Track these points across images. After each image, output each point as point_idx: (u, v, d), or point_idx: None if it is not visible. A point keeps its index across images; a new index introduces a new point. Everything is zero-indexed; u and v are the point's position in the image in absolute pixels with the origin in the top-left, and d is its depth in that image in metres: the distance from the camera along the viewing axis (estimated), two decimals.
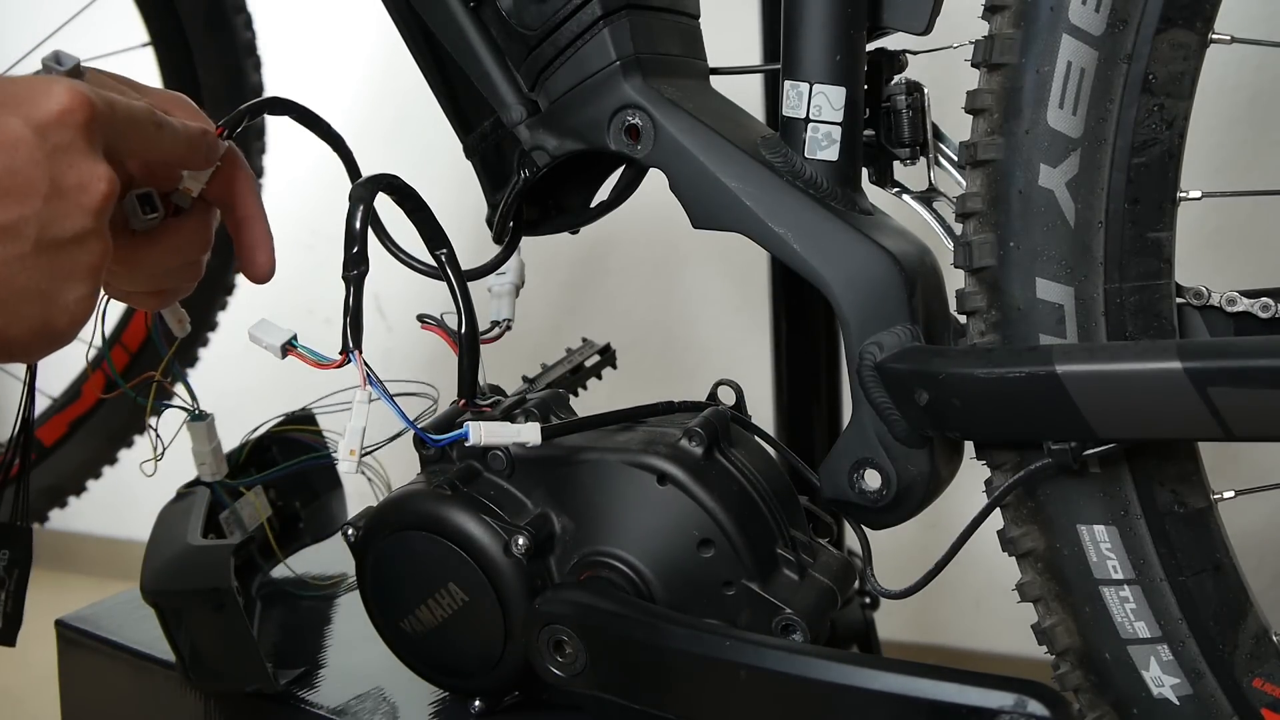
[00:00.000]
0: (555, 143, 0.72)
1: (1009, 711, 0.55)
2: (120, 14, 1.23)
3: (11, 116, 0.53)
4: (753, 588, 0.67)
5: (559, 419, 0.73)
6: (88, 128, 0.55)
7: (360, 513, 0.75)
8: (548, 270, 1.64)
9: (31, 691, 1.64)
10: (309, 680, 0.78)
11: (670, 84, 0.71)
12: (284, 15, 1.61)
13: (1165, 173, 0.64)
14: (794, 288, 1.17)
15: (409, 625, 0.72)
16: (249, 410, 0.92)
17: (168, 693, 0.80)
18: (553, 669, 0.68)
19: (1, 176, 0.52)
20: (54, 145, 0.54)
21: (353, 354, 0.61)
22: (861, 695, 0.59)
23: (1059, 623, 0.68)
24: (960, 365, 0.63)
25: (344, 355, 0.61)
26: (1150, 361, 0.58)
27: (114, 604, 0.90)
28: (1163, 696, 0.66)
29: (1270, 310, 0.65)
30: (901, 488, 0.67)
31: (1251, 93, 1.32)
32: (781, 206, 0.68)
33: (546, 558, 0.70)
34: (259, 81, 1.26)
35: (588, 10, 0.69)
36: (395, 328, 1.74)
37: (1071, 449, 0.63)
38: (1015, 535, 0.69)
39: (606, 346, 0.91)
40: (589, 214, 0.79)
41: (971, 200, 0.67)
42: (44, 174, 0.53)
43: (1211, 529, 0.66)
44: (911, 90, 0.72)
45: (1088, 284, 0.65)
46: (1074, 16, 0.63)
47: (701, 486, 0.67)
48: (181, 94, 0.67)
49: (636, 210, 0.78)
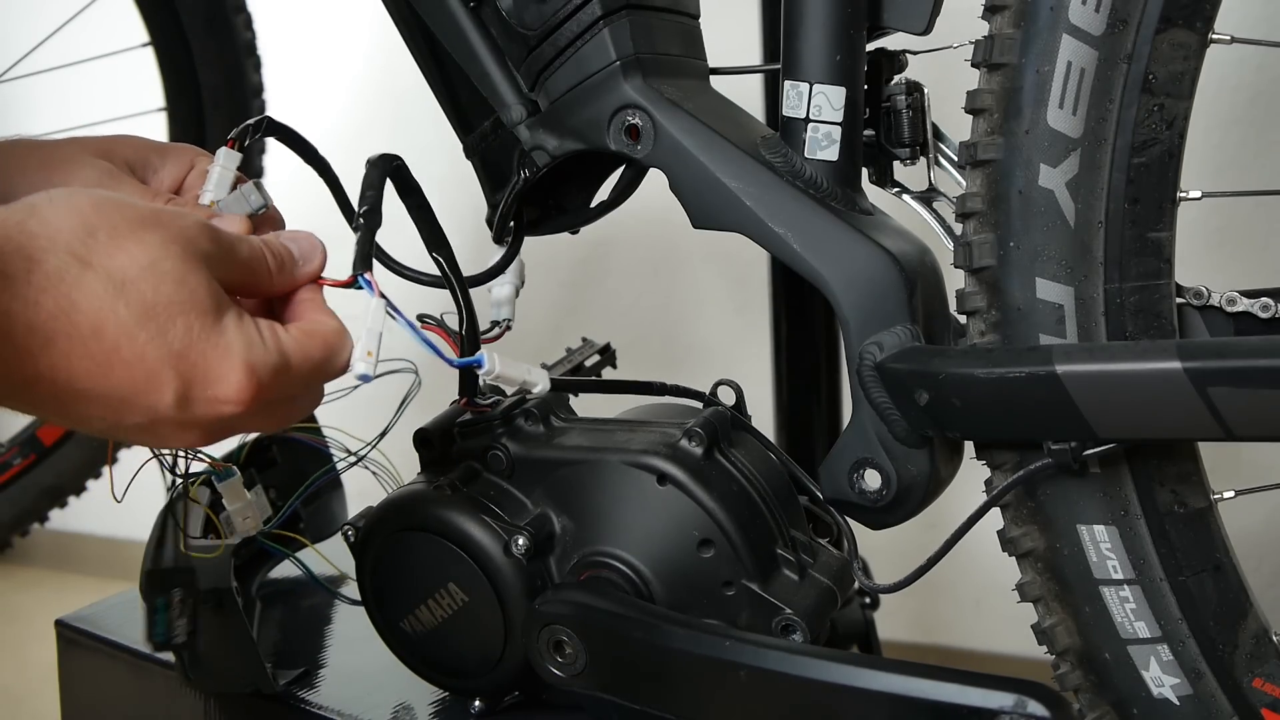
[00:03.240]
0: (555, 143, 0.72)
1: (1009, 712, 0.55)
2: (120, 14, 1.23)
3: (174, 379, 0.52)
4: (753, 588, 0.67)
5: (559, 419, 0.73)
6: (226, 420, 0.55)
7: (360, 513, 0.75)
8: (548, 270, 1.64)
9: (31, 691, 1.65)
10: (309, 680, 0.78)
11: (670, 84, 0.71)
12: (284, 15, 1.62)
13: (1165, 173, 0.64)
14: (794, 288, 1.17)
15: (409, 625, 0.72)
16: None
17: (168, 693, 0.80)
18: (552, 669, 0.68)
19: (113, 399, 0.52)
20: (184, 418, 0.54)
21: (362, 276, 0.61)
22: (861, 696, 0.59)
23: (1059, 623, 0.68)
24: (960, 365, 0.63)
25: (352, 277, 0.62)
26: (1150, 361, 0.58)
27: (114, 604, 0.90)
28: (1163, 696, 0.66)
29: (1270, 310, 0.65)
30: (901, 488, 0.67)
31: (1251, 93, 1.32)
32: (781, 206, 0.68)
33: (546, 558, 0.70)
34: (259, 81, 1.26)
35: (588, 10, 0.69)
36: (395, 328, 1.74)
37: (1071, 449, 0.63)
38: (1015, 535, 0.69)
39: (606, 346, 0.91)
40: (589, 214, 0.79)
41: (971, 200, 0.67)
42: (148, 422, 0.54)
43: (1211, 529, 0.66)
44: (911, 90, 0.72)
45: (1088, 284, 0.65)
46: (1074, 16, 0.63)
47: (701, 487, 0.67)
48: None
49: (636, 210, 0.78)
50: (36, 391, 0.51)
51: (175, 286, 0.52)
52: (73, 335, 0.50)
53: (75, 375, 0.51)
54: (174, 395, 0.53)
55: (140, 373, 0.52)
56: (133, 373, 0.52)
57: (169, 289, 0.52)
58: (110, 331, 0.51)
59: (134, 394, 0.52)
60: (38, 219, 0.51)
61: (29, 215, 0.51)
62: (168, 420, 0.54)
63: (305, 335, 0.58)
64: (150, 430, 0.54)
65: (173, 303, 0.52)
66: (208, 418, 0.54)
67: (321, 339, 0.59)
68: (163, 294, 0.52)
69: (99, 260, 0.51)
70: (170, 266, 0.52)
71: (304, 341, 0.58)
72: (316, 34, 1.76)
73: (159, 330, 0.52)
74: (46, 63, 1.21)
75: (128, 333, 0.51)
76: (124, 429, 0.54)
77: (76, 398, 0.52)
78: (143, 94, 1.24)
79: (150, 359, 0.52)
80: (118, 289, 0.51)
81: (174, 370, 0.52)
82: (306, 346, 0.58)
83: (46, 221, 0.51)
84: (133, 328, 0.51)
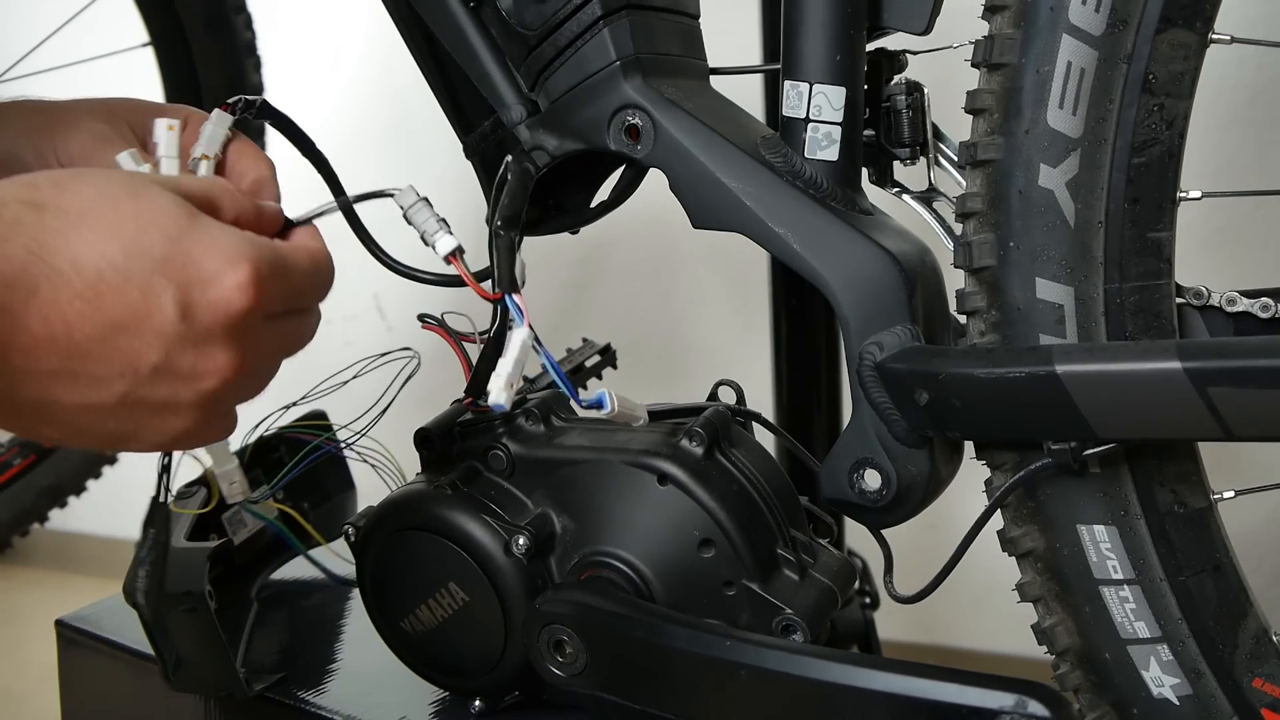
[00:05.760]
0: (555, 143, 0.72)
1: (1009, 712, 0.55)
2: (120, 14, 1.23)
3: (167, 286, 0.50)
4: (753, 588, 0.67)
5: (560, 418, 0.73)
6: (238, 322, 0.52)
7: (361, 512, 0.75)
8: (548, 270, 1.64)
9: (31, 691, 1.65)
10: (286, 685, 0.78)
11: (670, 84, 0.71)
12: (283, 15, 1.62)
13: (1165, 173, 0.64)
14: (794, 288, 1.17)
15: (409, 625, 0.72)
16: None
17: (167, 693, 0.80)
18: (553, 669, 0.68)
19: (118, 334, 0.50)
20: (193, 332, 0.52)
21: (509, 295, 0.60)
22: (861, 695, 0.59)
23: (1059, 623, 0.68)
24: (960, 365, 0.63)
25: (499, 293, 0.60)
26: (1150, 361, 0.58)
27: (114, 604, 0.90)
28: (1163, 696, 0.66)
29: (1270, 310, 0.65)
30: (901, 488, 0.67)
31: (1251, 93, 1.32)
32: (781, 206, 0.68)
33: (547, 558, 0.70)
34: (259, 81, 1.26)
35: (588, 10, 0.69)
36: (395, 328, 1.74)
37: (1071, 449, 0.63)
38: (1015, 535, 0.69)
39: (607, 346, 0.91)
40: (589, 214, 0.79)
41: (971, 200, 0.67)
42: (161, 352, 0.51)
43: (1211, 529, 0.66)
44: (911, 90, 0.72)
45: (1088, 284, 0.65)
46: (1074, 16, 0.63)
47: (702, 487, 0.67)
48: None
49: (636, 210, 0.78)
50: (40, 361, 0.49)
51: (133, 201, 0.51)
52: (52, 276, 0.48)
53: (70, 321, 0.49)
54: (174, 305, 0.50)
55: (133, 293, 0.50)
56: (124, 296, 0.50)
57: (128, 205, 0.51)
58: (87, 259, 0.49)
59: (134, 320, 0.50)
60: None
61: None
62: (180, 340, 0.51)
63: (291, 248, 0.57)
64: (171, 368, 0.51)
65: (138, 215, 0.51)
66: (219, 325, 0.52)
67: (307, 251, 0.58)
68: (124, 211, 0.50)
69: (50, 200, 0.50)
70: (120, 188, 0.51)
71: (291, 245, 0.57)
72: (316, 34, 1.76)
73: (134, 242, 0.50)
74: (46, 63, 1.20)
75: (104, 255, 0.49)
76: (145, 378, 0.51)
77: (81, 352, 0.49)
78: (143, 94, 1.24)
79: (136, 274, 0.50)
80: (79, 219, 0.50)
81: (164, 278, 0.50)
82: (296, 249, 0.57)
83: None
84: (107, 249, 0.49)
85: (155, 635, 0.74)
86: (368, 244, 0.68)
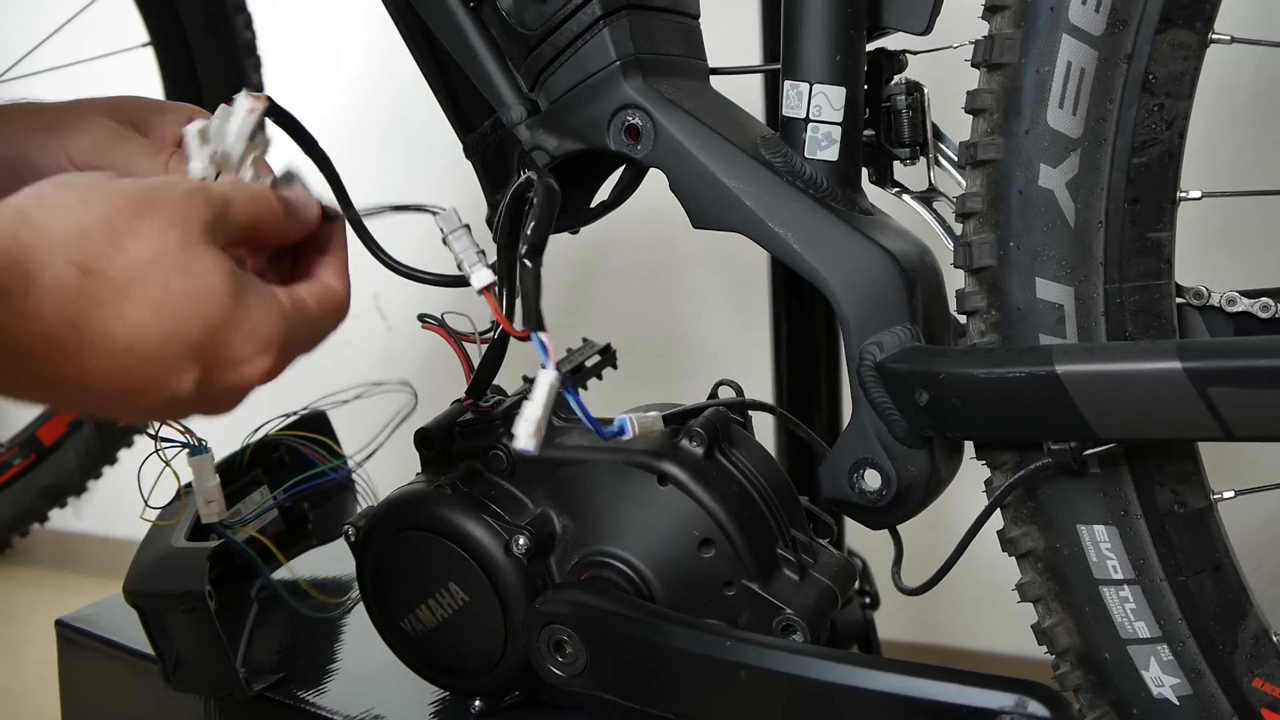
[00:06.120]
0: (555, 143, 0.72)
1: (1009, 712, 0.55)
2: (120, 14, 1.23)
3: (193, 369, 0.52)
4: (753, 588, 0.67)
5: (560, 419, 0.73)
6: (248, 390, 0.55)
7: (361, 512, 0.75)
8: (548, 270, 1.63)
9: (31, 691, 1.65)
10: (286, 685, 0.78)
11: (670, 84, 0.71)
12: (284, 15, 1.62)
13: (1165, 173, 0.64)
14: (794, 288, 1.17)
15: (409, 625, 0.72)
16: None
17: (167, 693, 0.80)
18: (553, 669, 0.68)
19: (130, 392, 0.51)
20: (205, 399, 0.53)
21: (536, 335, 0.59)
22: (862, 695, 0.59)
23: (1059, 623, 0.68)
24: (960, 365, 0.63)
25: (526, 332, 0.59)
26: (1150, 361, 0.58)
27: (114, 604, 0.89)
28: (1163, 696, 0.66)
29: (1270, 310, 0.65)
30: (901, 488, 0.67)
31: (1251, 93, 1.32)
32: (781, 206, 0.68)
33: (547, 558, 0.70)
34: (259, 82, 1.26)
35: (588, 10, 0.69)
36: (395, 328, 1.74)
37: (1071, 449, 0.63)
38: (1015, 535, 0.69)
39: (607, 346, 0.91)
40: (589, 214, 0.79)
41: (971, 200, 0.67)
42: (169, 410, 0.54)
43: (1211, 529, 0.66)
44: (911, 90, 0.72)
45: (1088, 284, 0.65)
46: (1074, 16, 0.63)
47: (702, 487, 0.67)
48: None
49: (636, 210, 0.78)
50: (46, 393, 0.51)
51: (183, 278, 0.51)
52: (82, 344, 0.49)
53: (88, 376, 0.49)
54: (194, 382, 0.52)
55: (158, 368, 0.50)
56: (149, 369, 0.50)
57: (178, 282, 0.51)
58: (122, 334, 0.49)
59: (152, 386, 0.51)
60: (31, 229, 0.48)
61: (22, 224, 0.48)
62: (186, 400, 0.52)
63: (317, 302, 0.58)
64: (168, 410, 0.54)
65: (184, 296, 0.51)
66: (228, 392, 0.54)
67: (333, 308, 0.59)
68: (173, 289, 0.50)
69: (99, 265, 0.49)
70: (174, 259, 0.51)
71: (316, 308, 0.58)
72: (316, 34, 1.76)
73: (174, 327, 0.50)
74: (46, 63, 1.20)
75: (140, 334, 0.50)
76: (139, 412, 0.53)
77: (90, 395, 0.50)
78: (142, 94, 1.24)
79: (168, 355, 0.50)
80: (123, 291, 0.49)
81: (194, 361, 0.51)
82: (318, 314, 0.58)
83: (40, 230, 0.48)
84: (145, 329, 0.50)
85: (155, 635, 0.74)
86: (369, 245, 0.68)
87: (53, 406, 0.54)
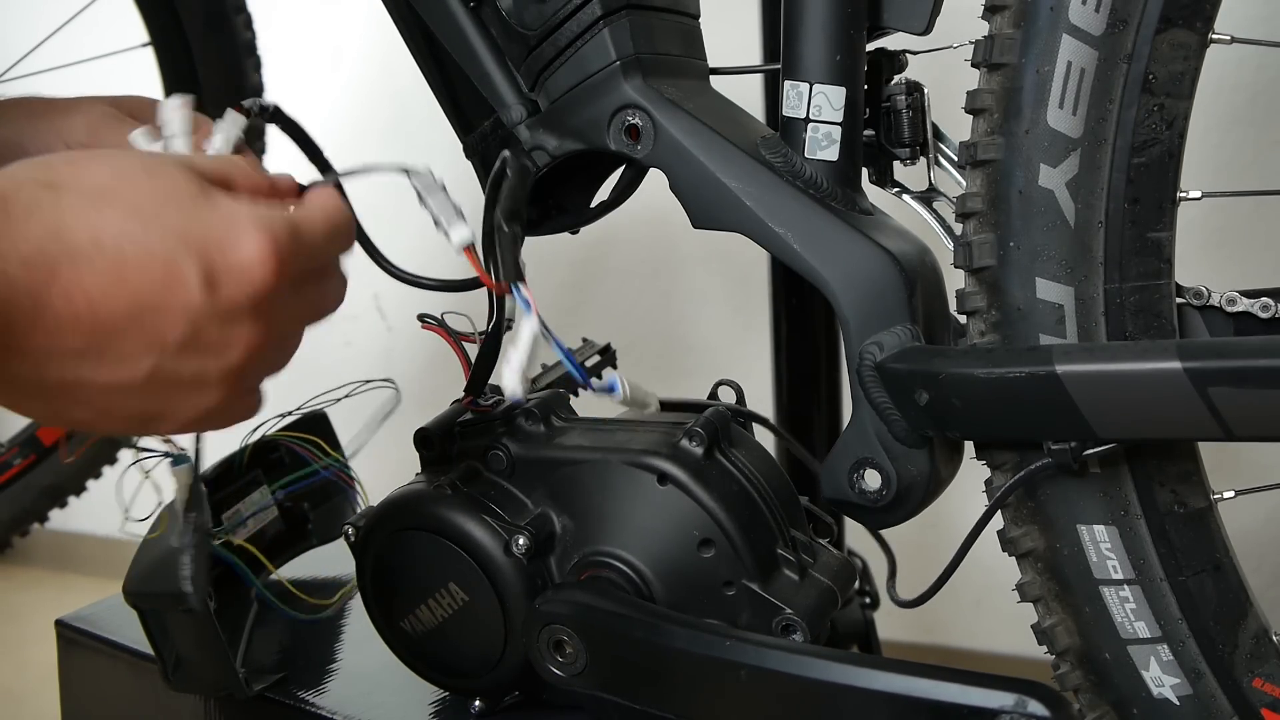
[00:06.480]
0: (555, 143, 0.72)
1: (1009, 711, 0.55)
2: (120, 14, 1.23)
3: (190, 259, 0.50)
4: (753, 588, 0.67)
5: (560, 418, 0.73)
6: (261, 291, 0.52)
7: (360, 512, 0.75)
8: (548, 270, 1.64)
9: (31, 691, 1.65)
10: (286, 685, 0.77)
11: (670, 84, 0.71)
12: (283, 15, 1.62)
13: (1165, 173, 0.64)
14: (794, 288, 1.17)
15: (409, 625, 0.72)
16: None
17: (167, 693, 0.80)
18: (553, 669, 0.68)
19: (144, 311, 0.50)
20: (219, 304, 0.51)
21: (516, 286, 0.59)
22: (862, 695, 0.59)
23: (1059, 623, 0.68)
24: (960, 365, 0.63)
25: (506, 284, 0.59)
26: (1150, 361, 0.58)
27: (114, 604, 0.89)
28: (1163, 696, 0.66)
29: (1270, 310, 0.65)
30: (901, 488, 0.67)
31: (1251, 93, 1.32)
32: (781, 206, 0.68)
33: (547, 557, 0.71)
34: (259, 82, 1.26)
35: (588, 10, 0.69)
36: (395, 328, 1.74)
37: (1071, 449, 0.63)
38: (1015, 535, 0.69)
39: (606, 346, 0.91)
40: (589, 214, 0.79)
41: (971, 200, 0.67)
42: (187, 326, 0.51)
43: (1211, 529, 0.66)
44: (911, 90, 0.72)
45: (1088, 284, 0.65)
46: (1074, 16, 0.63)
47: (702, 486, 0.67)
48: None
49: (636, 210, 0.78)
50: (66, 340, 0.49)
51: (149, 179, 0.51)
52: (73, 255, 0.48)
53: (93, 297, 0.49)
54: (198, 276, 0.50)
55: (155, 266, 0.50)
56: (147, 270, 0.49)
57: (145, 182, 0.51)
58: (108, 236, 0.49)
59: (159, 293, 0.50)
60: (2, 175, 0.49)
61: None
62: (206, 313, 0.51)
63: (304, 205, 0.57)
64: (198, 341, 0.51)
65: (155, 191, 0.51)
66: (244, 295, 0.52)
67: (320, 206, 0.58)
68: (141, 188, 0.51)
69: (66, 180, 0.50)
70: (136, 166, 0.51)
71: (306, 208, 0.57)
72: (316, 34, 1.76)
73: (154, 218, 0.50)
74: (47, 63, 1.20)
75: (124, 231, 0.49)
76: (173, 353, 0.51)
77: (107, 330, 0.49)
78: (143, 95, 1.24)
79: (158, 248, 0.50)
80: (96, 197, 0.50)
81: (186, 248, 0.50)
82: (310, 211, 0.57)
83: (4, 172, 0.50)
84: (127, 225, 0.49)
85: (155, 635, 0.74)
86: (368, 248, 0.68)
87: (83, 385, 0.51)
